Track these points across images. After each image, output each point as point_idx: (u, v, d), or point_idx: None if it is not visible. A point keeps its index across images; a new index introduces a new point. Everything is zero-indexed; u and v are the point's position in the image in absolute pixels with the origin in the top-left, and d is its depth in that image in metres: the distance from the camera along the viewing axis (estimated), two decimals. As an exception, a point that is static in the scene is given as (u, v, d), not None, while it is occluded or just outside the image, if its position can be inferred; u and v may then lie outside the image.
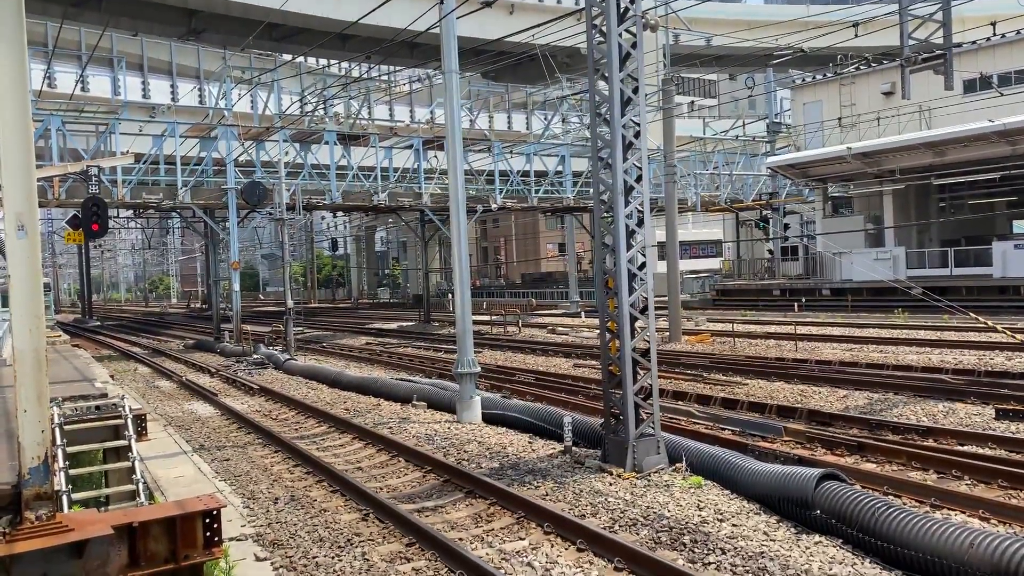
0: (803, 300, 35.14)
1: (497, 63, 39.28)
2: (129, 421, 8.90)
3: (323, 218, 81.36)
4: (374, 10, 18.50)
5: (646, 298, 10.31)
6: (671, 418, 13.01)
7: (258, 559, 7.67)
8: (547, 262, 66.99)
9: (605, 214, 10.57)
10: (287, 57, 43.20)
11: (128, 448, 8.61)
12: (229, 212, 30.12)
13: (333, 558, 7.80)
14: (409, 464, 11.50)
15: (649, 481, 9.59)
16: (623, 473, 9.85)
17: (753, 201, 44.16)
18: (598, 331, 10.94)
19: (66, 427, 8.30)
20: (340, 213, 59.31)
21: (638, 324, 10.34)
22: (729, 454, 9.63)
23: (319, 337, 34.89)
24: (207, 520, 5.02)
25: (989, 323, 16.42)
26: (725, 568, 7.06)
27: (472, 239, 70.43)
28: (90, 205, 21.84)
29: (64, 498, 6.89)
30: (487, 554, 7.69)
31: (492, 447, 11.99)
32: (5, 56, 4.56)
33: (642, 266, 10.31)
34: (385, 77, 44.00)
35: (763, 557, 7.19)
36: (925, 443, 11.20)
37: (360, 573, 7.39)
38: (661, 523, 8.19)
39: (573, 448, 11.18)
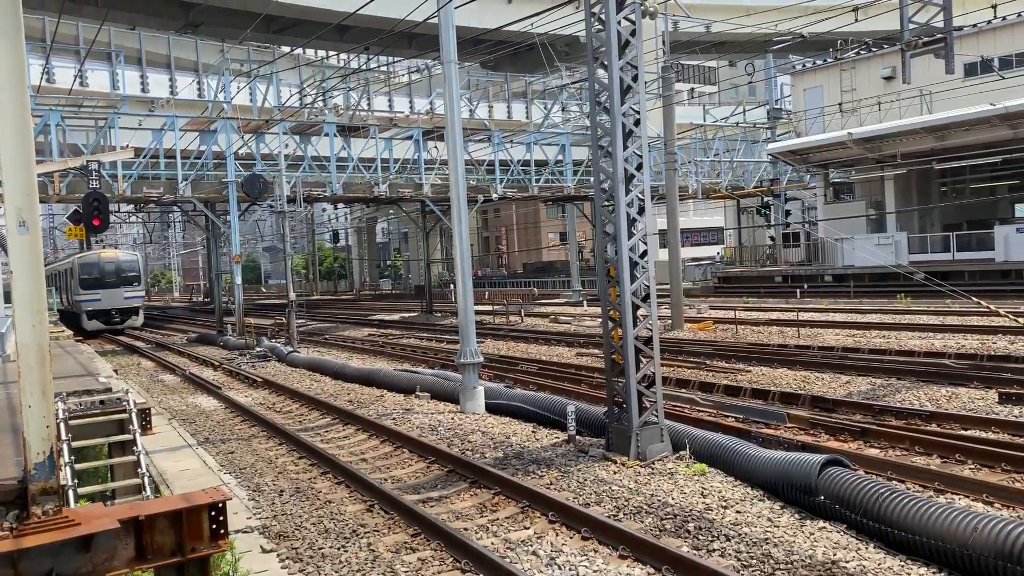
0: (805, 286, 35.12)
1: (496, 52, 39.16)
2: (134, 415, 8.91)
3: (324, 210, 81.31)
4: (371, 0, 18.40)
5: (648, 286, 10.31)
6: (674, 406, 13.01)
7: (264, 551, 7.69)
8: (548, 251, 66.99)
9: (606, 203, 10.55)
10: (285, 49, 43.08)
11: (133, 442, 8.63)
12: (230, 205, 30.13)
13: (339, 549, 7.83)
14: (413, 455, 11.53)
15: (653, 469, 9.61)
16: (627, 461, 9.87)
17: (754, 188, 44.09)
18: (600, 320, 10.94)
19: (71, 422, 8.31)
20: (341, 205, 59.30)
21: (640, 312, 10.34)
22: (733, 441, 9.63)
23: (321, 329, 34.92)
24: (213, 513, 5.03)
25: (991, 307, 16.42)
26: (730, 554, 7.09)
27: (473, 229, 70.34)
28: (91, 200, 21.88)
29: (70, 493, 6.91)
30: (492, 543, 7.71)
31: (496, 437, 12.01)
32: (3, 51, 4.54)
33: (643, 254, 10.30)
34: (384, 68, 43.86)
35: (767, 543, 7.21)
36: (928, 428, 11.21)
37: (366, 564, 7.42)
38: (665, 510, 8.21)
39: (577, 437, 11.20)
